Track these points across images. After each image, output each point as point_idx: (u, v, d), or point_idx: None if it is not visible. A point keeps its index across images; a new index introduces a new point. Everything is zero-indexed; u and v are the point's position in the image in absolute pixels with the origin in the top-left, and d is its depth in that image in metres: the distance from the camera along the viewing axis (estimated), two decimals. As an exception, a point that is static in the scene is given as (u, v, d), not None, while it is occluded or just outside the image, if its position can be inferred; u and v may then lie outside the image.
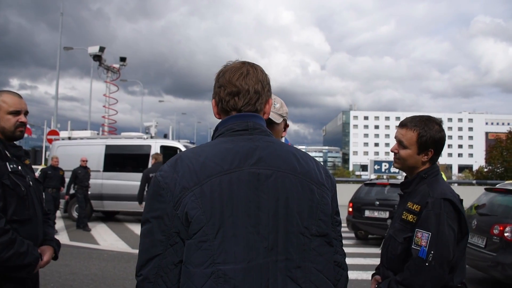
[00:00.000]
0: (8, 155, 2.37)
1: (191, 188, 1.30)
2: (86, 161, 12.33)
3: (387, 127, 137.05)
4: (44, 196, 10.79)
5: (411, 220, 2.11)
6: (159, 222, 1.32)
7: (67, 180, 12.11)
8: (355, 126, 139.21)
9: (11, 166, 2.34)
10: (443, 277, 1.98)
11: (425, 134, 2.18)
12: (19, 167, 2.39)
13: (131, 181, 12.61)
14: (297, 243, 1.34)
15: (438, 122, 2.25)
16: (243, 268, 1.26)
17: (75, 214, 13.59)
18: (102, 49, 31.39)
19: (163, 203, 1.32)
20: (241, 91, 1.45)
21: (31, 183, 2.45)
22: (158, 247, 1.31)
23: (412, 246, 2.03)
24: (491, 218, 6.62)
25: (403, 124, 2.28)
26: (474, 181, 27.68)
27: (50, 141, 17.08)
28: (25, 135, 2.65)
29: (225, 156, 1.36)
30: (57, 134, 17.76)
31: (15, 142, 2.52)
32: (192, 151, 1.43)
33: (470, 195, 20.09)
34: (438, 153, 2.24)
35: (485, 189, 7.74)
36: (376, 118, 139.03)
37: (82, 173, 12.14)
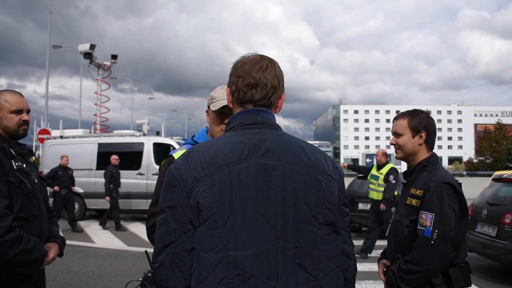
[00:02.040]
0: (13, 153, 2.40)
1: (202, 179, 1.37)
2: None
3: (377, 120, 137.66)
4: (54, 197, 10.72)
5: (415, 204, 2.31)
6: (173, 211, 1.38)
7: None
8: (345, 120, 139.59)
9: (16, 164, 2.37)
10: (447, 253, 2.17)
11: (414, 119, 2.46)
12: (24, 165, 2.42)
13: (124, 179, 12.60)
14: (305, 231, 1.39)
15: (424, 112, 2.51)
16: (252, 255, 1.33)
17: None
18: (92, 46, 31.18)
19: (177, 193, 1.39)
20: (259, 84, 1.50)
21: (36, 180, 2.48)
22: (172, 235, 1.38)
23: (418, 227, 2.23)
24: (502, 207, 6.78)
25: (395, 118, 2.55)
26: (464, 172, 28.00)
27: (41, 140, 16.97)
28: None
29: (234, 148, 1.42)
30: (49, 133, 17.66)
31: (18, 141, 2.55)
32: (203, 144, 1.49)
33: (462, 186, 20.38)
34: (430, 135, 2.45)
35: (493, 179, 7.92)
36: (366, 111, 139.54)
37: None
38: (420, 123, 2.43)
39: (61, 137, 15.49)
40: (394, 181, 8.08)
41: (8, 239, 2.16)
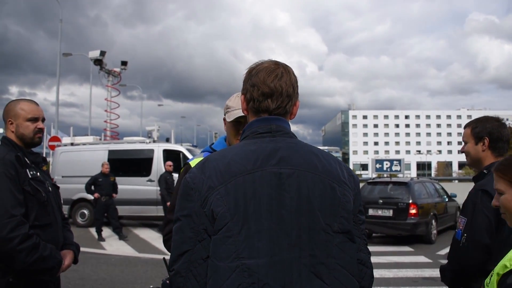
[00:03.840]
0: (28, 162, 2.43)
1: (216, 187, 1.38)
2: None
3: (386, 125, 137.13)
4: (94, 205, 10.74)
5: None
6: (188, 220, 1.39)
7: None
8: (354, 125, 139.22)
9: (31, 172, 2.40)
10: (475, 258, 2.20)
11: (477, 126, 2.49)
12: (38, 174, 2.45)
13: (134, 186, 12.70)
14: (319, 239, 1.39)
15: (495, 118, 2.54)
16: (267, 263, 1.33)
17: (79, 220, 13.66)
18: (103, 53, 31.39)
19: (192, 202, 1.40)
20: (274, 93, 1.51)
21: (50, 188, 2.52)
22: (188, 243, 1.39)
23: (455, 230, 2.34)
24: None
25: (464, 127, 2.63)
26: (475, 177, 27.68)
27: (52, 147, 17.11)
28: None
29: (248, 157, 1.43)
30: (59, 140, 17.80)
31: (32, 149, 2.59)
32: (218, 153, 1.51)
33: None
34: (495, 141, 2.45)
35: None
36: (375, 117, 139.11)
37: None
38: (483, 130, 2.45)
39: (72, 144, 15.62)
40: None
41: (25, 247, 2.18)
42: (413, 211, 10.43)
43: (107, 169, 11.40)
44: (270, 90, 1.50)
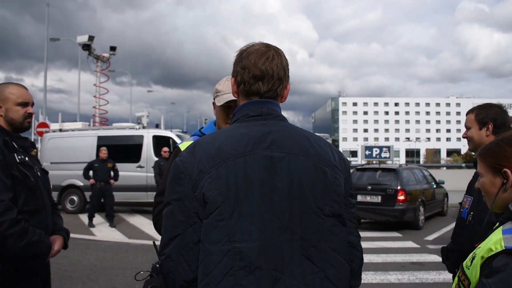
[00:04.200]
0: (16, 146, 2.39)
1: (207, 171, 1.37)
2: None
3: (376, 112, 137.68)
4: (91, 191, 10.58)
5: None
6: (179, 204, 1.39)
7: None
8: (344, 112, 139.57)
9: (19, 157, 2.36)
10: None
11: (481, 112, 2.53)
12: (26, 158, 2.41)
13: (124, 172, 12.59)
14: (311, 223, 1.39)
15: (496, 105, 2.60)
16: (258, 246, 1.33)
17: (68, 207, 13.60)
18: (91, 38, 30.91)
19: (183, 186, 1.39)
20: (265, 76, 1.49)
21: (38, 173, 2.48)
22: (178, 227, 1.38)
23: (460, 209, 2.42)
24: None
25: (467, 113, 2.65)
26: (463, 164, 28.00)
27: (40, 133, 16.94)
28: None
29: (239, 141, 1.42)
30: (47, 126, 17.62)
31: (21, 134, 2.55)
32: (209, 136, 1.50)
33: (460, 178, 20.39)
34: (499, 127, 2.49)
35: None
36: (365, 104, 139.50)
37: None
38: (487, 116, 2.50)
39: (60, 130, 15.48)
40: None
41: (13, 232, 2.15)
42: (401, 197, 10.54)
43: (104, 155, 11.24)
44: (261, 72, 1.49)
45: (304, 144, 1.47)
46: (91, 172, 11.27)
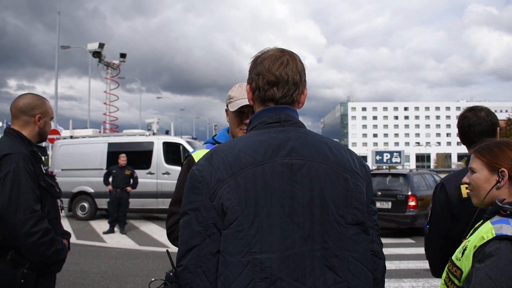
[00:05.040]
0: (41, 157, 2.50)
1: (226, 180, 1.34)
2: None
3: (385, 117, 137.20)
4: (110, 198, 10.70)
5: None
6: (197, 214, 1.35)
7: None
8: (353, 117, 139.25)
9: (44, 168, 2.49)
10: (435, 246, 2.36)
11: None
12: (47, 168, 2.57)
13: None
14: (333, 232, 1.35)
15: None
16: (279, 257, 1.29)
17: (79, 213, 13.63)
18: (101, 45, 31.04)
19: (200, 195, 1.35)
20: (280, 81, 1.46)
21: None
22: (196, 238, 1.34)
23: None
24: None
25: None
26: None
27: (51, 140, 17.04)
28: None
29: (258, 148, 1.38)
30: (58, 133, 17.74)
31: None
32: (226, 144, 1.46)
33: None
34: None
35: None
36: (374, 109, 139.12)
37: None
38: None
39: (71, 137, 15.57)
40: None
41: (45, 241, 2.29)
42: (412, 203, 10.38)
43: (123, 162, 11.25)
44: (276, 78, 1.46)
45: (324, 150, 1.43)
46: (111, 179, 11.32)
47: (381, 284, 1.53)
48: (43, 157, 2.60)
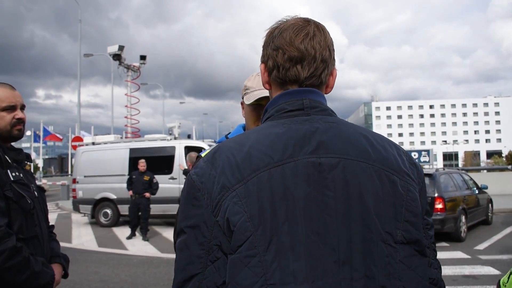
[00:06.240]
0: (9, 160, 2.02)
1: (232, 187, 1.00)
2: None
3: (410, 116, 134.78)
4: (130, 204, 10.33)
5: None
6: (196, 232, 1.01)
7: None
8: (378, 117, 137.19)
9: (13, 174, 1.99)
10: None
11: None
12: (21, 175, 2.05)
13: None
14: (378, 254, 1.00)
15: None
16: None
17: (102, 220, 13.52)
18: (121, 47, 31.04)
19: (199, 208, 1.02)
20: (306, 57, 1.11)
21: (35, 193, 2.12)
22: (196, 265, 1.01)
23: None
24: None
25: None
26: (509, 166, 26.21)
27: (75, 147, 17.08)
28: (52, 142, 2.33)
29: (275, 144, 1.04)
30: (81, 140, 17.76)
31: (13, 144, 2.19)
32: (233, 140, 1.11)
33: (506, 181, 19.35)
34: None
35: None
36: (399, 108, 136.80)
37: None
38: None
39: (93, 143, 15.49)
40: None
41: (15, 264, 1.82)
42: (439, 205, 9.56)
43: (142, 167, 11.13)
44: (300, 53, 1.11)
45: (362, 145, 1.07)
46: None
47: None
48: (28, 162, 2.19)
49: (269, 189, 0.99)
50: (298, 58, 1.11)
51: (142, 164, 11.14)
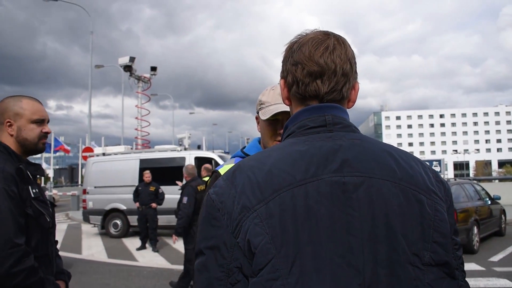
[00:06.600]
0: (30, 176, 2.00)
1: (253, 207, 0.97)
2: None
3: (421, 125, 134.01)
4: (138, 215, 10.34)
5: None
6: (216, 254, 0.98)
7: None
8: (387, 126, 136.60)
9: (33, 190, 1.97)
10: None
11: None
12: (37, 190, 2.02)
13: (166, 195, 12.39)
14: (405, 277, 0.96)
15: None
16: None
17: (112, 231, 13.52)
18: (132, 59, 31.20)
19: (219, 229, 0.99)
20: (325, 71, 1.08)
21: (50, 209, 2.10)
22: (216, 287, 0.98)
23: None
24: None
25: None
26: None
27: (85, 158, 17.16)
28: (63, 153, 2.35)
29: (297, 162, 1.01)
30: (92, 150, 17.85)
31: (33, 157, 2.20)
32: (253, 158, 1.08)
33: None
34: None
35: None
36: (409, 117, 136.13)
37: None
38: None
39: (103, 154, 15.56)
40: None
41: (30, 284, 1.82)
42: None
43: (147, 178, 11.22)
44: (319, 67, 1.08)
45: (388, 162, 1.04)
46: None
47: None
48: (39, 176, 2.17)
49: (291, 210, 0.96)
50: (318, 73, 1.09)
51: (147, 175, 11.23)
